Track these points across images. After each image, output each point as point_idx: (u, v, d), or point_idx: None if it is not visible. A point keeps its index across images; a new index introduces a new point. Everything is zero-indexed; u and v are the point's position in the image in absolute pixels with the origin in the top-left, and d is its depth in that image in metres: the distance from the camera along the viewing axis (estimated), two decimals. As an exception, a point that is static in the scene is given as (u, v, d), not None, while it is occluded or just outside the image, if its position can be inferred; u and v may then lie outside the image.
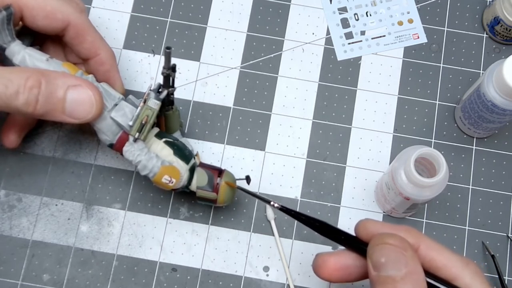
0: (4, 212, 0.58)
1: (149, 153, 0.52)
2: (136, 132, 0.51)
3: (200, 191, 0.53)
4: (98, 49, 0.54)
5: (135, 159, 0.51)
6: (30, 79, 0.46)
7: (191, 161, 0.53)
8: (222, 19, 0.64)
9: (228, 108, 0.62)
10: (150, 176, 0.52)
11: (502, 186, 0.60)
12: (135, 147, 0.51)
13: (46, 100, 0.47)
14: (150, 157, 0.52)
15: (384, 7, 0.65)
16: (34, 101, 0.47)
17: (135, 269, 0.58)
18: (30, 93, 0.46)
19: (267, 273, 0.58)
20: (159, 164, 0.51)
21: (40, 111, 0.48)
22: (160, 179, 0.52)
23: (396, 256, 0.39)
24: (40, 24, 0.51)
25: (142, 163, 0.51)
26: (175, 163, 0.52)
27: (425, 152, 0.49)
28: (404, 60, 0.63)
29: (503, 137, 0.61)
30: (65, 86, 0.48)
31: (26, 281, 0.57)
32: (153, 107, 0.51)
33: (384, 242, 0.40)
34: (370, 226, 0.43)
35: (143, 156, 0.51)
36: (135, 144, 0.51)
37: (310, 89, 0.62)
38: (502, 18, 0.60)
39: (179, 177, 0.52)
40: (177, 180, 0.52)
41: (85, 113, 0.49)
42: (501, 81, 0.51)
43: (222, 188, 0.53)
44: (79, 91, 0.48)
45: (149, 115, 0.51)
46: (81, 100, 0.49)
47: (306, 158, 0.61)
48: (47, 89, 0.47)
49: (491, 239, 0.59)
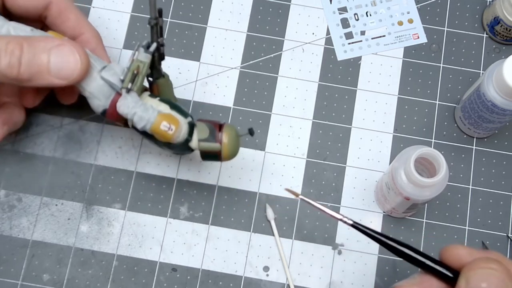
0: (4, 212, 0.58)
1: (145, 105, 0.50)
2: (129, 83, 0.49)
3: (202, 143, 0.51)
4: (82, 28, 0.53)
5: (130, 111, 0.49)
6: (11, 43, 0.46)
7: (189, 118, 0.52)
8: (222, 19, 0.64)
9: (228, 108, 0.62)
10: (147, 127, 0.49)
11: (502, 186, 0.60)
12: (129, 100, 0.49)
13: (30, 62, 0.47)
14: (146, 108, 0.49)
15: (384, 7, 0.65)
16: (17, 63, 0.46)
17: (135, 269, 0.58)
18: (12, 56, 0.46)
19: (267, 273, 0.58)
20: (156, 113, 0.49)
21: (25, 74, 0.47)
22: (158, 127, 0.49)
23: (498, 282, 0.37)
24: (21, 4, 0.51)
25: (138, 114, 0.49)
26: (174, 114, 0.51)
27: (425, 152, 0.49)
28: (404, 60, 0.63)
29: (503, 137, 0.61)
30: (48, 47, 0.47)
31: (26, 281, 0.57)
32: (144, 60, 0.49)
33: (487, 267, 0.38)
34: (462, 252, 0.41)
35: (139, 108, 0.49)
36: (129, 96, 0.49)
37: (310, 89, 0.62)
38: (502, 18, 0.60)
39: (178, 124, 0.50)
40: (176, 127, 0.49)
41: (70, 71, 0.48)
42: (501, 81, 0.51)
43: (226, 137, 0.50)
44: (63, 49, 0.48)
45: (141, 67, 0.49)
46: (66, 58, 0.48)
47: (306, 158, 0.61)
48: (29, 52, 0.47)
49: (491, 239, 0.59)
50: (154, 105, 0.51)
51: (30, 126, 0.60)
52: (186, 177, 0.60)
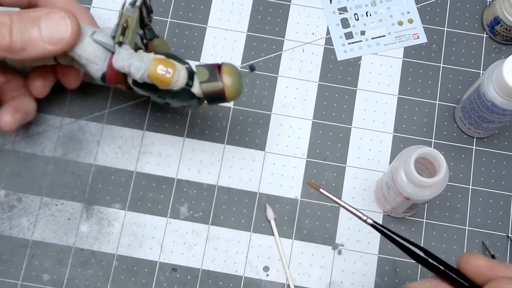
0: (4, 212, 0.58)
1: (139, 54, 0.50)
2: (120, 36, 0.49)
3: (204, 85, 0.50)
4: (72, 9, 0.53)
5: (125, 63, 0.49)
6: (2, 15, 0.47)
7: (187, 65, 0.51)
8: (222, 19, 0.64)
9: (228, 108, 0.62)
10: (145, 75, 0.49)
11: (502, 186, 0.60)
12: (123, 53, 0.49)
13: (21, 30, 0.47)
14: (141, 57, 0.49)
15: (384, 7, 0.65)
16: (9, 32, 0.47)
17: (135, 269, 0.58)
18: (3, 26, 0.47)
19: (267, 273, 0.58)
20: (151, 57, 0.49)
21: (17, 42, 0.47)
22: (155, 71, 0.49)
23: None
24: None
25: (133, 64, 0.49)
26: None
27: (425, 152, 0.49)
28: (404, 60, 0.63)
29: (503, 137, 0.61)
30: (37, 16, 0.48)
31: (26, 281, 0.57)
32: (130, 14, 0.49)
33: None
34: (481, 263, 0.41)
35: (133, 58, 0.49)
36: (122, 50, 0.49)
37: (310, 89, 0.62)
38: (502, 18, 0.60)
39: (175, 67, 0.49)
40: (173, 70, 0.49)
41: (62, 34, 0.48)
42: (501, 81, 0.51)
43: (227, 74, 0.50)
44: (52, 16, 0.48)
45: (129, 20, 0.49)
46: (56, 22, 0.48)
47: (306, 158, 0.61)
48: (20, 21, 0.47)
49: (491, 239, 0.59)
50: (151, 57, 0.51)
51: (30, 126, 0.60)
52: (186, 177, 0.60)
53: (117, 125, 0.61)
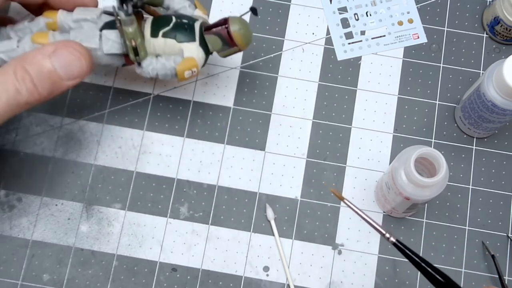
0: (4, 212, 0.58)
1: (158, 61, 0.53)
2: (135, 58, 0.52)
3: (222, 53, 0.54)
4: None
5: (151, 74, 0.53)
6: (17, 72, 0.47)
7: (196, 30, 0.53)
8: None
9: (228, 108, 0.62)
10: (174, 77, 0.53)
11: (502, 186, 0.60)
12: (144, 67, 0.53)
13: (40, 78, 0.48)
14: (162, 64, 0.52)
15: (384, 7, 0.65)
16: (33, 86, 0.47)
17: (135, 269, 0.58)
18: (26, 82, 0.47)
19: (267, 273, 0.58)
20: (173, 65, 0.52)
21: (44, 91, 0.48)
22: (183, 77, 0.52)
23: None
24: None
25: (160, 73, 0.53)
26: (185, 50, 0.52)
27: (425, 152, 0.49)
28: (404, 60, 0.63)
29: (503, 137, 0.61)
30: (46, 58, 0.48)
31: (26, 281, 0.57)
32: (131, 30, 0.50)
33: None
34: None
35: (156, 66, 0.53)
36: (143, 64, 0.53)
37: (310, 89, 0.62)
38: (502, 18, 0.60)
39: (196, 64, 0.52)
40: (197, 67, 0.53)
41: (80, 69, 0.49)
42: (501, 81, 0.51)
43: (238, 38, 0.53)
44: (60, 55, 0.49)
45: (134, 37, 0.51)
46: (68, 59, 0.49)
47: (306, 158, 0.61)
48: (34, 70, 0.48)
49: (491, 239, 0.59)
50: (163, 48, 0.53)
51: (30, 126, 0.60)
52: (186, 177, 0.60)
53: (117, 125, 0.61)
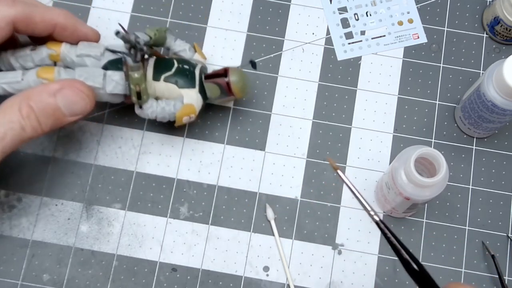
0: (4, 212, 0.58)
1: (159, 104, 0.54)
2: (138, 100, 0.53)
3: (218, 100, 0.57)
4: (51, 20, 0.53)
5: (151, 116, 0.54)
6: (22, 109, 0.49)
7: (196, 77, 0.55)
8: (222, 19, 0.64)
9: (228, 108, 0.62)
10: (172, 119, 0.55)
11: (502, 186, 0.60)
12: (145, 110, 0.54)
13: (45, 116, 0.49)
14: (162, 108, 0.54)
15: (384, 7, 0.65)
16: (37, 123, 0.49)
17: (135, 269, 0.58)
18: (31, 119, 0.49)
19: (267, 273, 0.58)
20: (173, 110, 0.54)
21: (47, 127, 0.50)
22: (181, 122, 0.55)
23: None
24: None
25: (159, 116, 0.54)
26: (185, 96, 0.54)
27: (425, 152, 0.49)
28: (404, 60, 0.63)
29: (503, 137, 0.61)
30: (52, 96, 0.50)
31: (26, 281, 0.57)
32: (136, 75, 0.52)
33: None
34: None
35: (156, 110, 0.54)
36: (144, 109, 0.54)
37: (310, 89, 0.62)
38: (502, 18, 0.60)
39: (195, 110, 0.54)
40: (195, 114, 0.55)
41: (84, 108, 0.51)
42: (501, 81, 0.51)
43: (236, 89, 0.55)
44: (65, 94, 0.50)
45: (139, 82, 0.52)
46: (72, 98, 0.50)
47: (306, 158, 0.61)
48: (39, 107, 0.49)
49: (491, 239, 0.59)
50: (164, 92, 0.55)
51: (30, 126, 0.60)
52: (186, 177, 0.60)
53: (117, 125, 0.61)
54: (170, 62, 0.55)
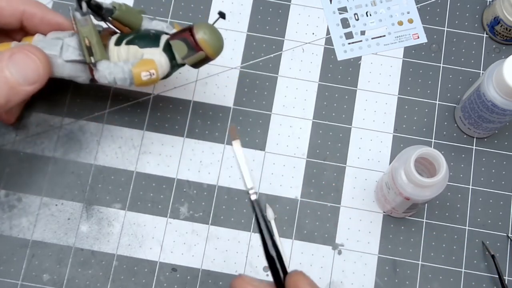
0: (4, 212, 0.58)
1: (117, 64, 0.50)
2: (90, 58, 0.50)
3: (187, 60, 0.51)
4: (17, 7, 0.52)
5: (109, 79, 0.50)
6: None
7: (162, 40, 0.51)
8: (222, 19, 0.64)
9: (228, 108, 0.62)
10: (132, 83, 0.50)
11: (502, 186, 0.60)
12: (101, 71, 0.50)
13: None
14: (121, 67, 0.50)
15: (384, 7, 0.65)
16: None
17: (135, 269, 0.58)
18: None
19: (267, 273, 0.58)
20: (130, 67, 0.50)
21: (2, 99, 0.47)
22: (140, 79, 0.50)
23: None
24: None
25: (117, 78, 0.50)
26: (146, 54, 0.51)
27: (425, 152, 0.49)
28: (404, 60, 0.63)
29: (503, 137, 0.62)
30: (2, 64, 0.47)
31: (26, 281, 0.57)
32: (85, 26, 0.49)
33: None
34: None
35: (114, 70, 0.50)
36: (99, 68, 0.50)
37: (310, 89, 0.62)
38: (502, 18, 0.60)
39: (155, 65, 0.50)
40: (156, 70, 0.50)
41: (36, 72, 0.48)
42: (501, 81, 0.51)
43: (203, 42, 0.50)
44: (16, 58, 0.48)
45: (88, 36, 0.49)
46: (23, 63, 0.48)
47: (306, 158, 0.61)
48: None
49: (491, 239, 0.59)
50: (125, 55, 0.51)
51: (30, 126, 0.60)
52: (186, 177, 0.60)
53: (117, 125, 0.61)
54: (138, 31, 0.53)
